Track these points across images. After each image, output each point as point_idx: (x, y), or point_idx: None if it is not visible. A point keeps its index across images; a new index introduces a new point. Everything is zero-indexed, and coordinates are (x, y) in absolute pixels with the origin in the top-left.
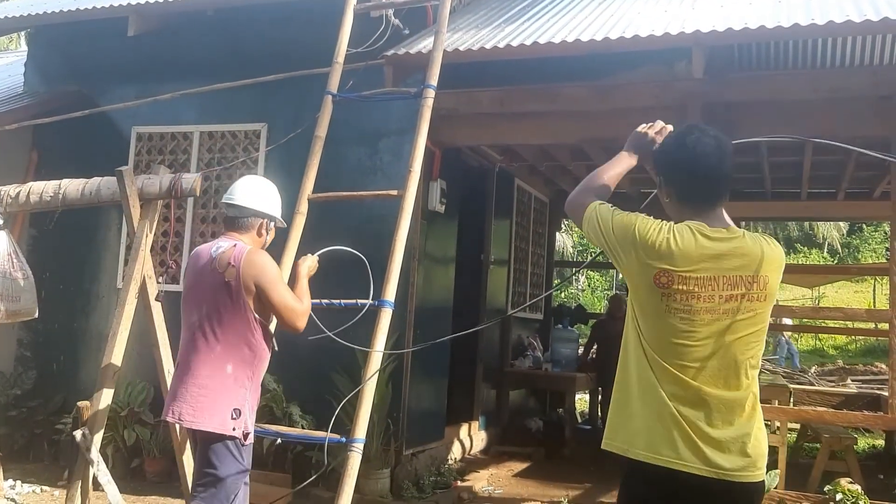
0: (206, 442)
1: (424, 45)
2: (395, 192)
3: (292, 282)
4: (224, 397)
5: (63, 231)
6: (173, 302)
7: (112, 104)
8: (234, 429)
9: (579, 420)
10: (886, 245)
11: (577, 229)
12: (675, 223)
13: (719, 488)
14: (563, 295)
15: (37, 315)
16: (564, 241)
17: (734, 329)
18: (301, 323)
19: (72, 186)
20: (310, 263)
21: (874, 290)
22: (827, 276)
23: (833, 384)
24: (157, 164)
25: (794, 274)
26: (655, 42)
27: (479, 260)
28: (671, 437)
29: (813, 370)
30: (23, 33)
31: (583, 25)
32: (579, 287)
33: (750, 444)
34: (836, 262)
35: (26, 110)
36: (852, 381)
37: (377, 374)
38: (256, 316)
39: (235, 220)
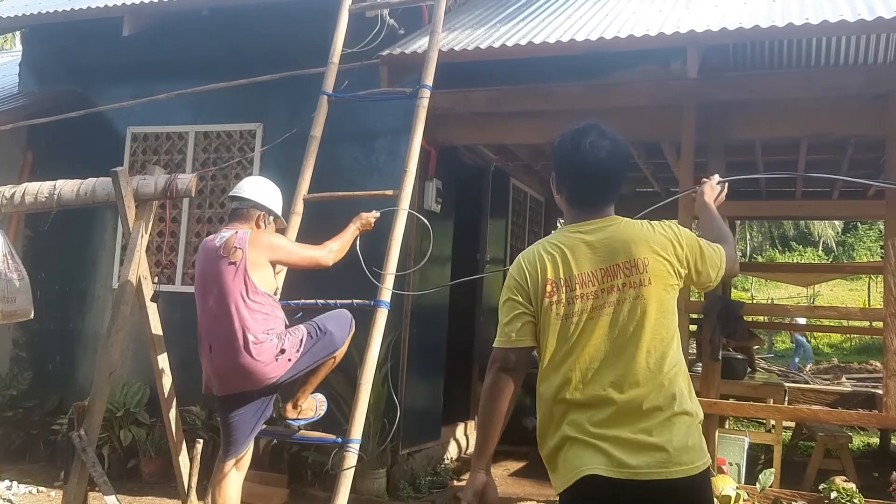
0: (273, 382)
1: (420, 44)
2: (390, 192)
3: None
4: (266, 353)
5: (58, 231)
6: (168, 302)
7: (107, 104)
8: (289, 359)
9: None
10: (881, 243)
11: None
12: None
13: (635, 489)
14: None
15: (32, 316)
16: None
17: (623, 320)
18: (326, 262)
19: (67, 187)
20: (362, 221)
21: (869, 289)
22: (822, 275)
23: (828, 382)
24: (153, 164)
25: (789, 273)
26: (650, 42)
27: (476, 259)
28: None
29: (808, 368)
30: (17, 33)
31: (578, 25)
32: None
33: (665, 437)
34: (830, 260)
35: (21, 110)
36: (847, 379)
37: (373, 375)
38: (261, 288)
39: (237, 210)
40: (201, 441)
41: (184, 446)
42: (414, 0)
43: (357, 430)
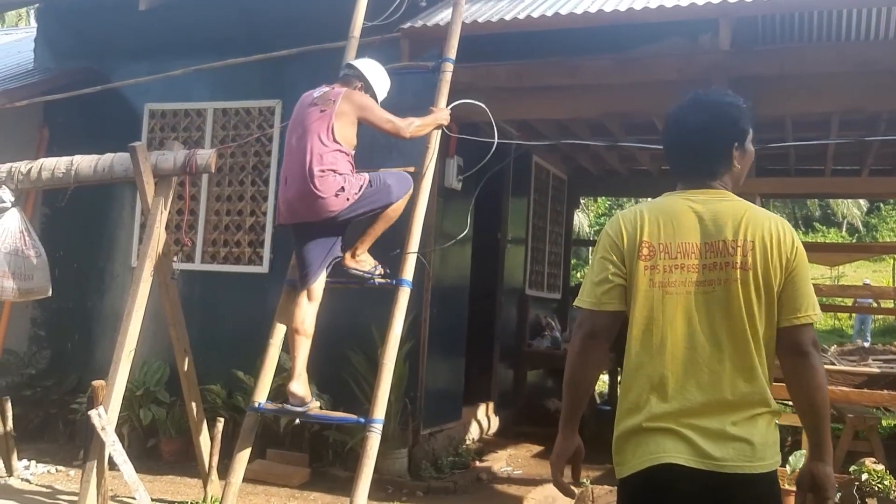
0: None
1: (442, 16)
2: (412, 169)
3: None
4: (327, 187)
5: (76, 209)
6: (188, 281)
7: (124, 80)
8: (347, 198)
9: (598, 401)
10: None
11: (593, 207)
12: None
13: (714, 482)
14: (579, 275)
15: (50, 294)
16: (581, 220)
17: (718, 301)
18: (404, 133)
19: (84, 162)
20: (439, 117)
21: (894, 269)
22: (850, 255)
23: (854, 364)
24: (171, 140)
25: (816, 252)
26: (681, 13)
27: (496, 238)
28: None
29: (833, 349)
30: (32, 10)
31: None
32: None
33: (750, 431)
34: (854, 240)
35: (37, 86)
36: (873, 360)
37: (395, 353)
38: (338, 137)
39: (345, 76)
40: (222, 420)
41: (204, 425)
42: None
43: (380, 409)
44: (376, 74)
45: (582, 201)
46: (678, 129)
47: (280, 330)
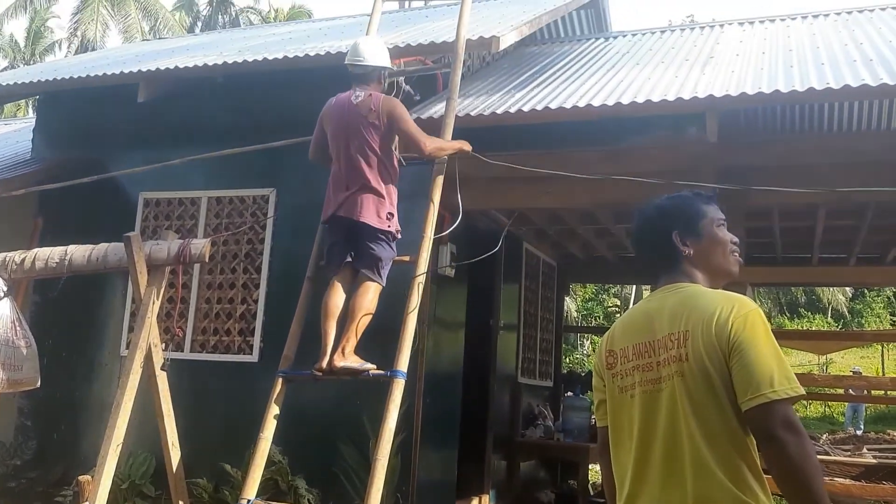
0: (368, 234)
1: (436, 110)
2: (407, 258)
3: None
4: (378, 202)
5: (67, 298)
6: (177, 371)
7: (119, 170)
8: (388, 226)
9: (592, 492)
10: (890, 310)
11: (581, 292)
12: None
13: None
14: (568, 360)
15: (39, 385)
16: (568, 305)
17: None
18: (426, 149)
19: (78, 252)
20: (461, 144)
21: (883, 356)
22: (840, 343)
23: (849, 453)
24: (165, 229)
25: (808, 340)
26: (668, 107)
27: (489, 325)
28: None
29: (824, 438)
30: (30, 101)
31: (593, 91)
32: (584, 352)
33: None
34: (840, 327)
35: (32, 176)
36: (868, 449)
37: (389, 450)
38: (385, 143)
39: (362, 75)
40: None
41: None
42: (429, 68)
43: None
44: (378, 54)
45: (571, 287)
46: (632, 239)
47: (271, 424)
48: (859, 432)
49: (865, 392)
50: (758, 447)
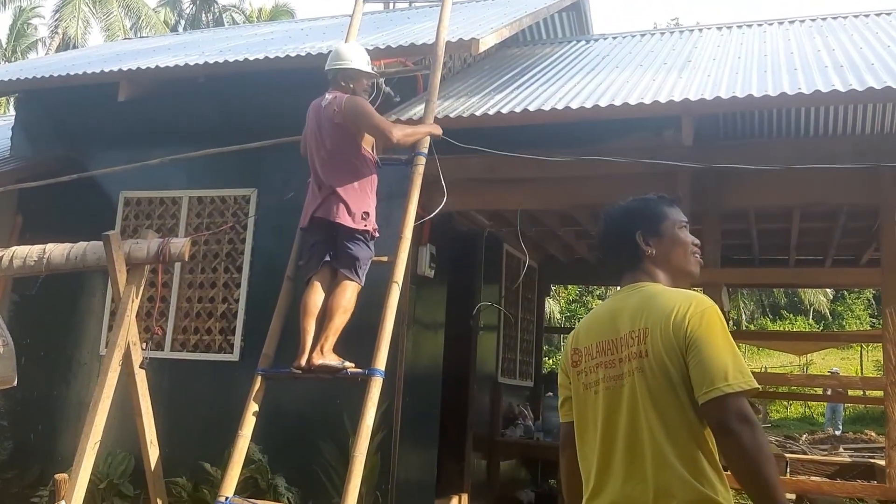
0: (345, 234)
1: (415, 111)
2: (385, 259)
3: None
4: (351, 203)
5: (46, 297)
6: (157, 369)
7: (100, 168)
8: (364, 226)
9: None
10: (870, 312)
11: (564, 294)
12: None
13: None
14: (552, 361)
15: (15, 384)
16: (552, 307)
17: (626, 396)
18: (393, 138)
19: (57, 251)
20: (430, 128)
21: (861, 357)
22: (818, 344)
23: (826, 453)
24: (145, 228)
25: (786, 341)
26: (644, 110)
27: (469, 326)
28: None
29: (804, 438)
30: (10, 98)
31: (572, 94)
32: None
33: None
34: (822, 328)
35: (11, 174)
36: (844, 449)
37: (367, 445)
38: (354, 143)
39: (332, 80)
40: None
41: None
42: (410, 70)
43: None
44: (355, 58)
45: (553, 288)
46: (598, 238)
47: (250, 421)
48: (838, 432)
49: (840, 392)
50: (714, 439)
